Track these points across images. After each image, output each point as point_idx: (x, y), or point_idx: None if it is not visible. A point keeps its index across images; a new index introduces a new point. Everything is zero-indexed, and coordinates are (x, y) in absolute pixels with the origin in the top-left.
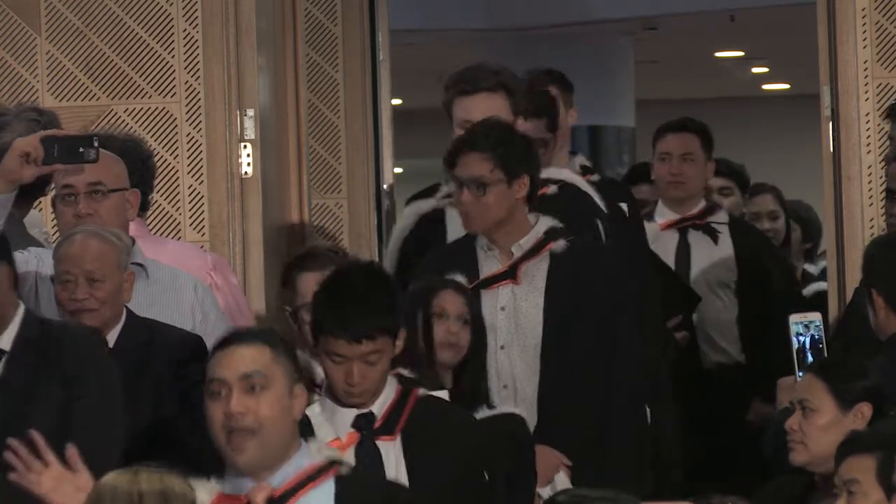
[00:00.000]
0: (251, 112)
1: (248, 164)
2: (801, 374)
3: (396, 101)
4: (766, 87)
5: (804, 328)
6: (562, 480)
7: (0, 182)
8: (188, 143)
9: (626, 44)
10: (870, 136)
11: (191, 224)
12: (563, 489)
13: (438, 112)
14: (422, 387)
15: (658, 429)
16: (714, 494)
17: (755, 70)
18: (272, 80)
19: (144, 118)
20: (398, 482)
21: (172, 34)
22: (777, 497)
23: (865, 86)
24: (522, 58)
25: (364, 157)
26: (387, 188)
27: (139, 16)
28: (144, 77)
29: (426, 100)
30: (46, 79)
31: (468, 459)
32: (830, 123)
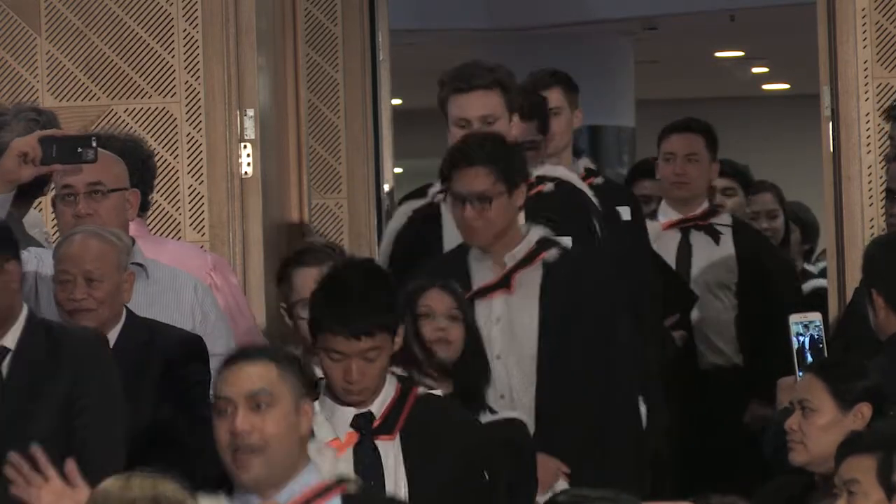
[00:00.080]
0: (251, 112)
1: (248, 164)
2: (801, 374)
3: (396, 101)
4: (766, 87)
5: (804, 328)
6: (561, 488)
7: None
8: (188, 143)
9: (626, 44)
10: (870, 136)
11: (191, 224)
12: (563, 489)
13: (438, 112)
14: (422, 385)
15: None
16: (714, 494)
17: (755, 70)
18: (272, 80)
19: (144, 118)
20: (405, 502)
21: (172, 34)
22: (777, 497)
23: (865, 86)
24: (522, 58)
25: (364, 157)
26: (388, 189)
27: (139, 16)
28: (144, 77)
29: (426, 100)
30: (46, 79)
31: (468, 459)
32: (830, 123)
